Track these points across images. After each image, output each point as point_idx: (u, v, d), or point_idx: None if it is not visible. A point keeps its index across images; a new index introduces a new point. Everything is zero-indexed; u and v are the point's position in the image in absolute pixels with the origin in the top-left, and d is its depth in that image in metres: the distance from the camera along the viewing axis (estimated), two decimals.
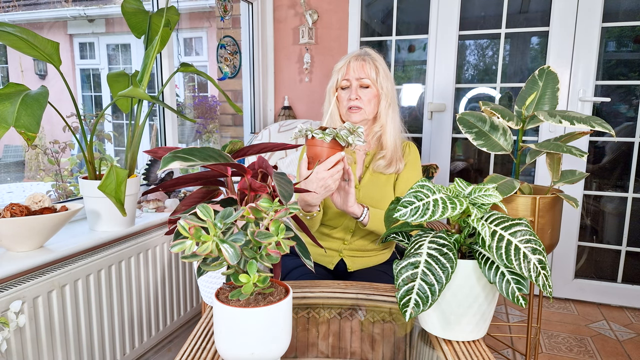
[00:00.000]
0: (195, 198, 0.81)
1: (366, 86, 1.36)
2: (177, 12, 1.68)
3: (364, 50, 1.42)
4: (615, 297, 2.39)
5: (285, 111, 2.76)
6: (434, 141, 2.56)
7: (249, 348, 0.66)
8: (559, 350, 1.94)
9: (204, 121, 3.14)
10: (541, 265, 0.74)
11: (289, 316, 0.70)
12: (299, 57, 2.73)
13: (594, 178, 2.47)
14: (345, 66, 1.38)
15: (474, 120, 1.22)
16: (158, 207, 1.90)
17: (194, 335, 0.85)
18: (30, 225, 1.27)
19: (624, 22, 2.25)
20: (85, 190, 1.50)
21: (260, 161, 0.75)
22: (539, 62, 2.47)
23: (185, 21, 4.40)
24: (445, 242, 0.79)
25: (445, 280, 0.75)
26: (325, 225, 1.40)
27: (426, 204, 0.78)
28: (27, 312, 1.24)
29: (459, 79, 2.56)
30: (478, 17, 2.49)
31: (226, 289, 0.72)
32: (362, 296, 1.05)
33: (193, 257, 0.61)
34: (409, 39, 2.66)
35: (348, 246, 1.40)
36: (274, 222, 0.65)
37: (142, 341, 1.72)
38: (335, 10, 2.62)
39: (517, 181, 1.13)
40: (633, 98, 2.33)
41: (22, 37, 1.25)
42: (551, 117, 1.07)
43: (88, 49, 5.07)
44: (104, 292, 1.51)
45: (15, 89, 1.16)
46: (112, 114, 3.94)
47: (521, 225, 0.78)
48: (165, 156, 0.63)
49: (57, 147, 1.95)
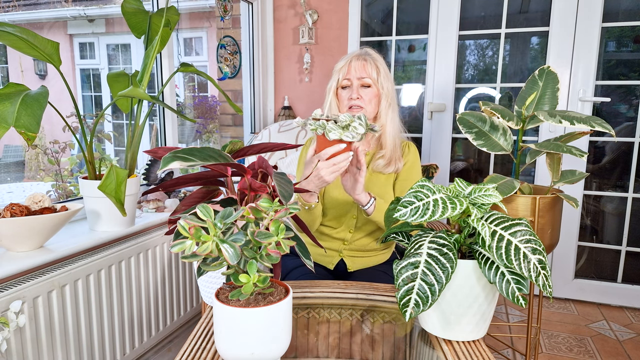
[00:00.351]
0: (195, 198, 0.81)
1: (367, 85, 1.37)
2: (177, 12, 1.68)
3: (364, 50, 1.43)
4: (615, 297, 2.39)
5: (285, 111, 2.76)
6: (434, 141, 2.56)
7: (249, 348, 0.66)
8: (559, 350, 1.94)
9: (204, 121, 3.14)
10: (541, 265, 0.74)
11: (289, 316, 0.70)
12: (299, 57, 2.73)
13: (594, 178, 2.47)
14: (346, 66, 1.38)
15: (474, 120, 1.22)
16: (158, 207, 1.90)
17: (194, 335, 0.85)
18: (30, 225, 1.27)
19: (624, 22, 2.25)
20: (85, 190, 1.50)
21: (260, 161, 0.75)
22: (539, 62, 2.47)
23: (185, 21, 4.40)
24: (445, 242, 0.79)
25: (445, 280, 0.75)
26: (325, 226, 1.40)
27: (426, 204, 0.78)
28: (27, 312, 1.24)
29: (459, 79, 2.56)
30: (478, 17, 2.49)
31: (226, 289, 0.72)
32: (362, 296, 1.05)
33: (193, 257, 0.61)
34: (409, 39, 2.66)
35: (348, 246, 1.40)
36: (274, 222, 0.65)
37: (142, 341, 1.72)
38: (335, 10, 2.62)
39: (517, 181, 1.13)
40: (633, 98, 2.33)
41: (22, 37, 1.25)
42: (551, 117, 1.07)
43: (88, 49, 5.07)
44: (104, 292, 1.51)
45: (15, 89, 1.16)
46: (112, 114, 3.94)
47: (521, 225, 0.78)
48: (165, 156, 0.63)
49: (57, 147, 1.95)
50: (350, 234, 1.39)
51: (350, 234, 1.39)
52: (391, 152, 1.38)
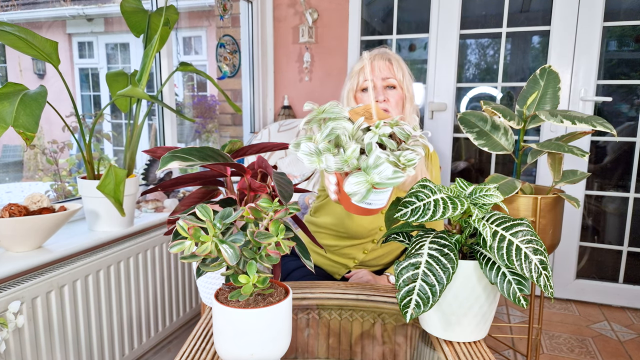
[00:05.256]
0: (195, 198, 0.81)
1: (392, 87, 1.26)
2: (176, 11, 1.68)
3: (382, 49, 1.32)
4: (617, 297, 2.38)
5: (285, 111, 2.76)
6: (435, 141, 2.55)
7: (248, 349, 0.65)
8: (560, 351, 1.93)
9: (203, 121, 3.13)
10: (542, 266, 0.74)
11: (288, 317, 0.69)
12: (299, 56, 2.72)
13: (595, 178, 2.46)
14: (368, 66, 1.26)
15: (475, 120, 1.21)
16: (157, 207, 1.89)
17: (193, 336, 0.84)
18: (29, 225, 1.26)
19: (625, 22, 2.24)
20: (84, 190, 1.49)
21: (259, 161, 0.74)
22: (540, 61, 2.46)
23: (184, 20, 4.39)
24: (446, 243, 0.79)
25: (446, 280, 0.74)
26: (340, 243, 1.33)
27: (427, 204, 0.78)
28: (26, 313, 1.23)
29: (460, 78, 2.55)
30: (479, 16, 2.48)
31: (225, 289, 0.71)
32: (362, 297, 1.04)
33: (192, 258, 0.61)
34: (409, 38, 2.65)
35: (359, 262, 1.37)
36: (274, 223, 0.64)
37: (142, 342, 1.71)
38: (336, 9, 2.61)
39: (518, 181, 1.13)
40: (634, 97, 2.32)
41: (21, 36, 1.24)
42: (552, 117, 1.07)
43: (87, 48, 5.07)
44: (102, 292, 1.50)
45: (13, 88, 1.15)
46: (111, 114, 3.93)
47: (522, 226, 0.78)
48: (164, 156, 0.63)
49: (55, 147, 1.94)
50: (364, 254, 1.35)
51: (364, 254, 1.35)
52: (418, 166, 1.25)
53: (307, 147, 0.65)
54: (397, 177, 0.62)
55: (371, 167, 0.62)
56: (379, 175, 0.62)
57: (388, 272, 1.33)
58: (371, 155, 0.62)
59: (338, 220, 1.30)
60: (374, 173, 0.62)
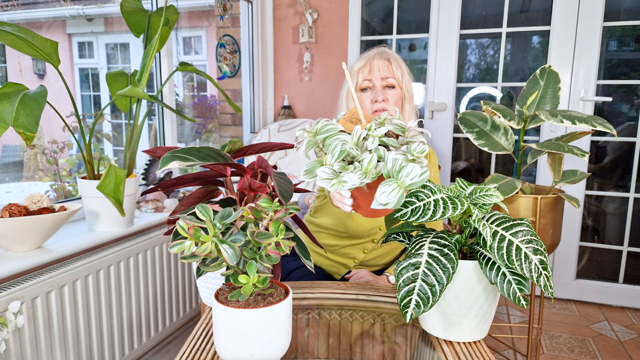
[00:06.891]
0: (195, 198, 0.80)
1: (391, 86, 1.26)
2: (176, 11, 1.68)
3: (382, 49, 1.32)
4: (617, 297, 2.38)
5: (285, 110, 2.76)
6: (435, 141, 2.55)
7: (248, 349, 0.65)
8: (560, 351, 1.93)
9: (203, 121, 3.13)
10: (542, 266, 0.74)
11: (288, 317, 0.69)
12: (299, 56, 2.72)
13: (595, 178, 2.46)
14: (367, 65, 1.26)
15: (475, 120, 1.21)
16: (157, 207, 1.89)
17: (193, 336, 0.84)
18: (29, 225, 1.26)
19: (625, 22, 2.24)
20: (83, 190, 1.49)
21: (259, 161, 0.74)
22: (540, 61, 2.46)
23: (184, 20, 4.39)
24: (446, 243, 0.79)
25: (446, 280, 0.74)
26: (340, 243, 1.33)
27: (427, 204, 0.77)
28: (26, 313, 1.23)
29: (460, 78, 2.55)
30: (479, 16, 2.48)
31: (225, 289, 0.71)
32: (362, 297, 1.04)
33: (192, 258, 0.61)
34: (409, 38, 2.65)
35: (359, 262, 1.37)
36: (274, 223, 0.64)
37: (141, 342, 1.71)
38: (336, 9, 2.61)
39: (518, 181, 1.13)
40: (634, 97, 2.32)
41: (21, 36, 1.24)
42: (552, 117, 1.07)
43: (87, 48, 5.06)
44: (102, 292, 1.50)
45: (13, 88, 1.15)
46: (111, 114, 3.93)
47: (522, 226, 0.78)
48: (164, 156, 0.63)
49: (55, 147, 1.94)
50: (364, 254, 1.35)
51: (364, 254, 1.34)
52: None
53: (324, 173, 0.64)
54: (424, 173, 0.60)
55: (396, 171, 0.60)
56: (409, 177, 0.60)
57: (388, 272, 1.33)
58: (387, 159, 0.61)
59: (338, 220, 1.30)
60: (403, 176, 0.60)
